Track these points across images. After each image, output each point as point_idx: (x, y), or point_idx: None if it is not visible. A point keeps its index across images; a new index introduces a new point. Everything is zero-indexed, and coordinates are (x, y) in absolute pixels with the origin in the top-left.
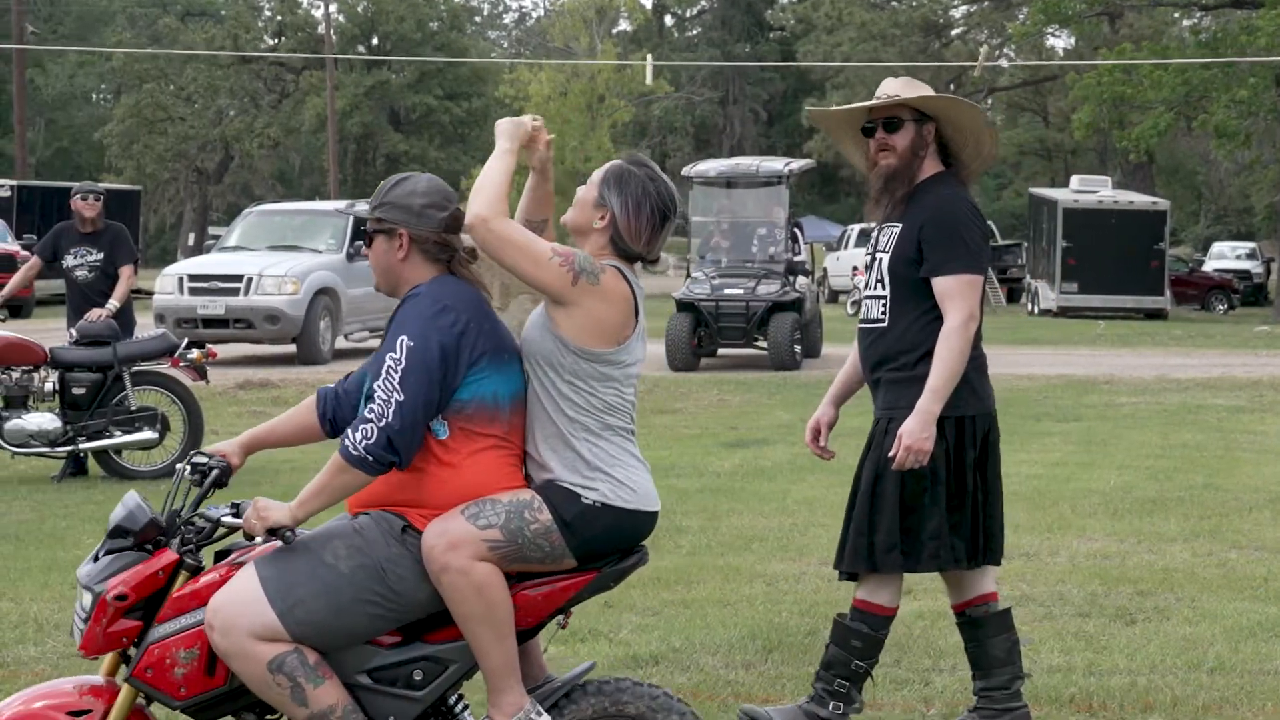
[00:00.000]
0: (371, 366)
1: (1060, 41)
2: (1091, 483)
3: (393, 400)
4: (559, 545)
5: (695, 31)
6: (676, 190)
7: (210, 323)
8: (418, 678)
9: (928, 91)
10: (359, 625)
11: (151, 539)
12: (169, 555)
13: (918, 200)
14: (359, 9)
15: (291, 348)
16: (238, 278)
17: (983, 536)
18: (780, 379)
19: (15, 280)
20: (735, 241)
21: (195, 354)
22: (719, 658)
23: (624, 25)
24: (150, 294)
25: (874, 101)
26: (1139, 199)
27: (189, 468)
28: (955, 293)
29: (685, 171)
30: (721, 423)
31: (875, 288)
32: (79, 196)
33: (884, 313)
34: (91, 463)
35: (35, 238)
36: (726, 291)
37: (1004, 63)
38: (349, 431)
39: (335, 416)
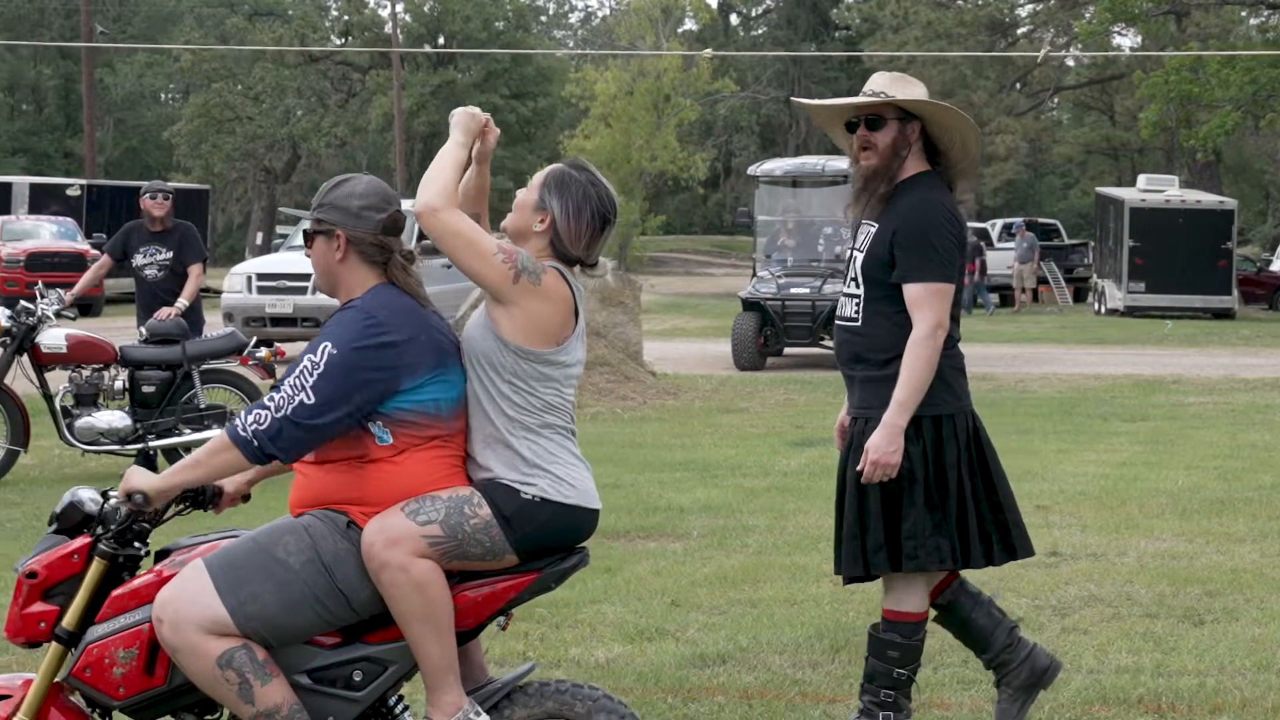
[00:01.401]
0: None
1: (1127, 40)
2: (1159, 483)
3: (298, 398)
4: (499, 540)
5: (760, 31)
6: (616, 195)
7: (278, 321)
8: (357, 678)
9: (917, 90)
10: (308, 621)
11: (75, 525)
12: (82, 540)
13: (896, 201)
14: (425, 8)
15: None
16: (305, 276)
17: (973, 536)
18: None
19: (85, 279)
20: (801, 241)
21: (264, 352)
22: (786, 657)
23: (689, 25)
24: (219, 292)
25: (855, 100)
26: (1206, 198)
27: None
28: (924, 301)
29: (751, 170)
30: (788, 421)
31: (850, 286)
32: (148, 196)
33: (857, 312)
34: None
35: (105, 237)
36: (792, 291)
37: (1070, 60)
38: (243, 413)
39: None
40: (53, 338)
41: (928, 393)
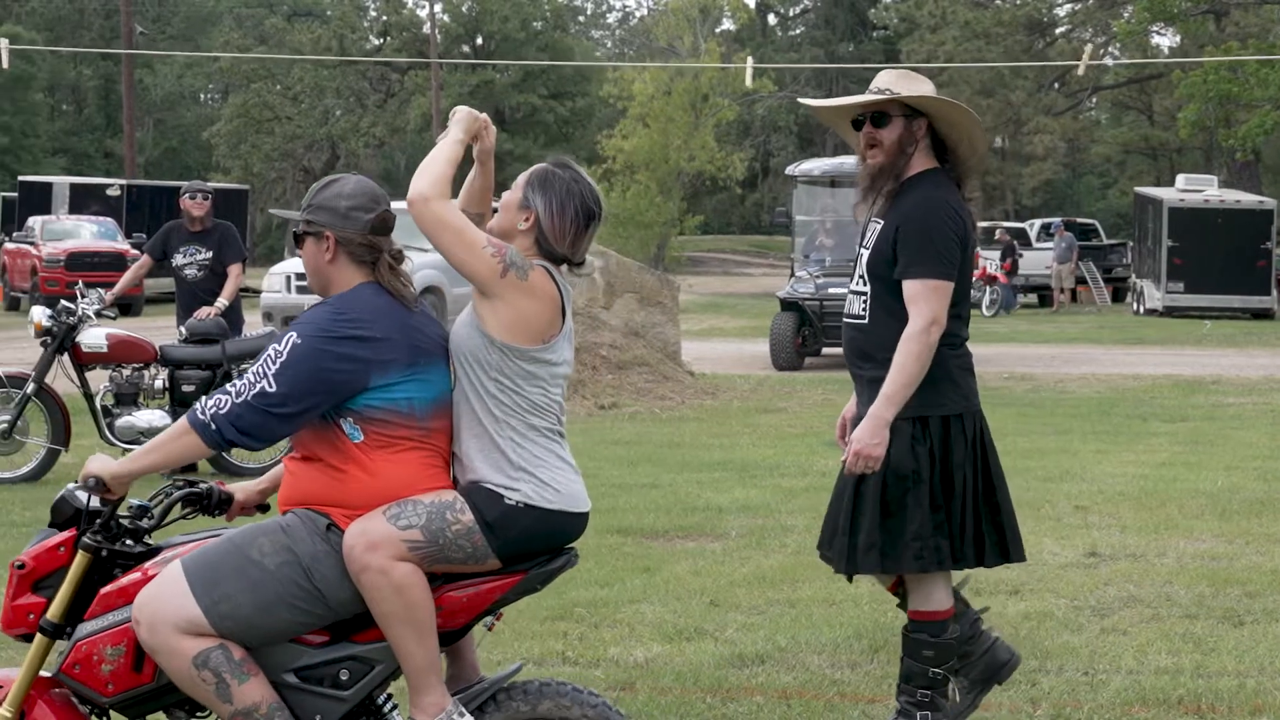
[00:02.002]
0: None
1: (1165, 40)
2: (1199, 483)
3: (259, 385)
4: (481, 546)
5: (798, 30)
6: (600, 194)
7: None
8: (344, 677)
9: (923, 86)
10: (284, 622)
11: (66, 520)
12: (69, 534)
13: (901, 199)
14: (463, 9)
15: None
16: None
17: (975, 536)
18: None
19: (125, 279)
20: (839, 240)
21: None
22: (825, 657)
23: (727, 24)
24: (258, 292)
25: (861, 98)
26: (1245, 198)
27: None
28: (920, 297)
29: (789, 170)
30: (826, 421)
31: (858, 283)
32: (188, 196)
33: (864, 309)
34: (202, 462)
35: (145, 236)
36: (831, 290)
37: (1109, 61)
38: (203, 398)
39: None
40: (93, 337)
41: (937, 392)
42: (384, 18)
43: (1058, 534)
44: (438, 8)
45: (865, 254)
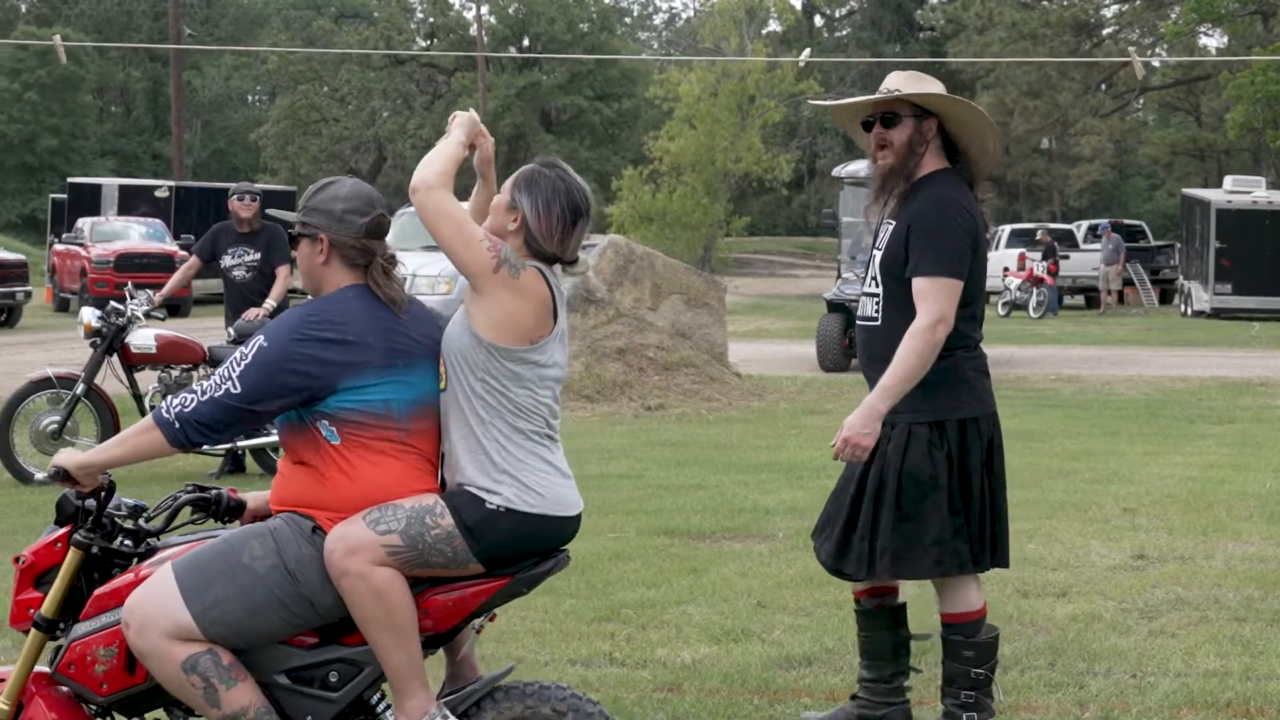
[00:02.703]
0: None
1: (1213, 40)
2: (1247, 485)
3: (224, 386)
4: (462, 550)
5: (845, 32)
6: (589, 192)
7: None
8: (333, 679)
9: (932, 86)
10: (272, 626)
11: (68, 517)
12: (66, 531)
13: (913, 198)
14: (510, 10)
15: None
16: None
17: (989, 539)
18: None
19: (174, 280)
20: None
21: None
22: None
23: (774, 26)
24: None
25: (870, 97)
26: None
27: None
28: (928, 294)
29: (836, 172)
30: None
31: (870, 285)
32: (236, 197)
33: (878, 311)
34: (249, 460)
35: (193, 238)
36: None
37: (1156, 62)
38: (169, 396)
39: None
40: (142, 338)
41: (953, 395)
42: (431, 19)
43: (1105, 536)
44: (484, 9)
45: (878, 255)
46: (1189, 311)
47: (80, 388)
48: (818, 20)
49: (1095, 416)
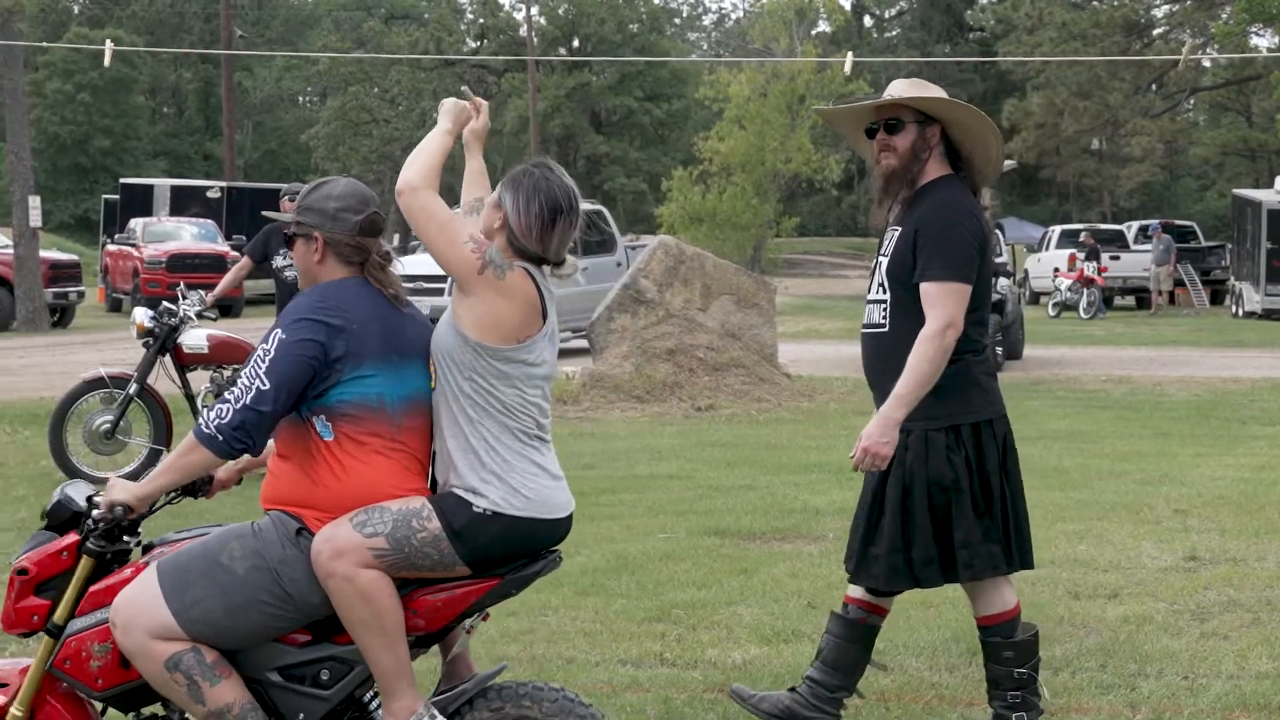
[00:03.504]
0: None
1: (1264, 40)
2: None
3: (254, 386)
4: (448, 553)
5: (894, 33)
6: (577, 192)
7: None
8: (324, 677)
9: (934, 93)
10: (254, 626)
11: (63, 522)
12: (71, 538)
13: (918, 203)
14: (560, 11)
15: None
16: (442, 278)
17: (1013, 540)
18: None
19: (226, 280)
20: None
21: None
22: (922, 660)
23: (823, 26)
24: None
25: (875, 101)
26: None
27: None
28: (936, 299)
29: None
30: None
31: (877, 292)
32: (287, 198)
33: (885, 317)
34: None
35: (245, 239)
36: None
37: (1206, 61)
38: (205, 411)
39: None
40: (194, 338)
41: (965, 399)
42: (481, 20)
43: (1157, 537)
44: (534, 10)
45: (884, 261)
46: (1240, 312)
47: (133, 387)
48: (867, 20)
49: (1146, 418)
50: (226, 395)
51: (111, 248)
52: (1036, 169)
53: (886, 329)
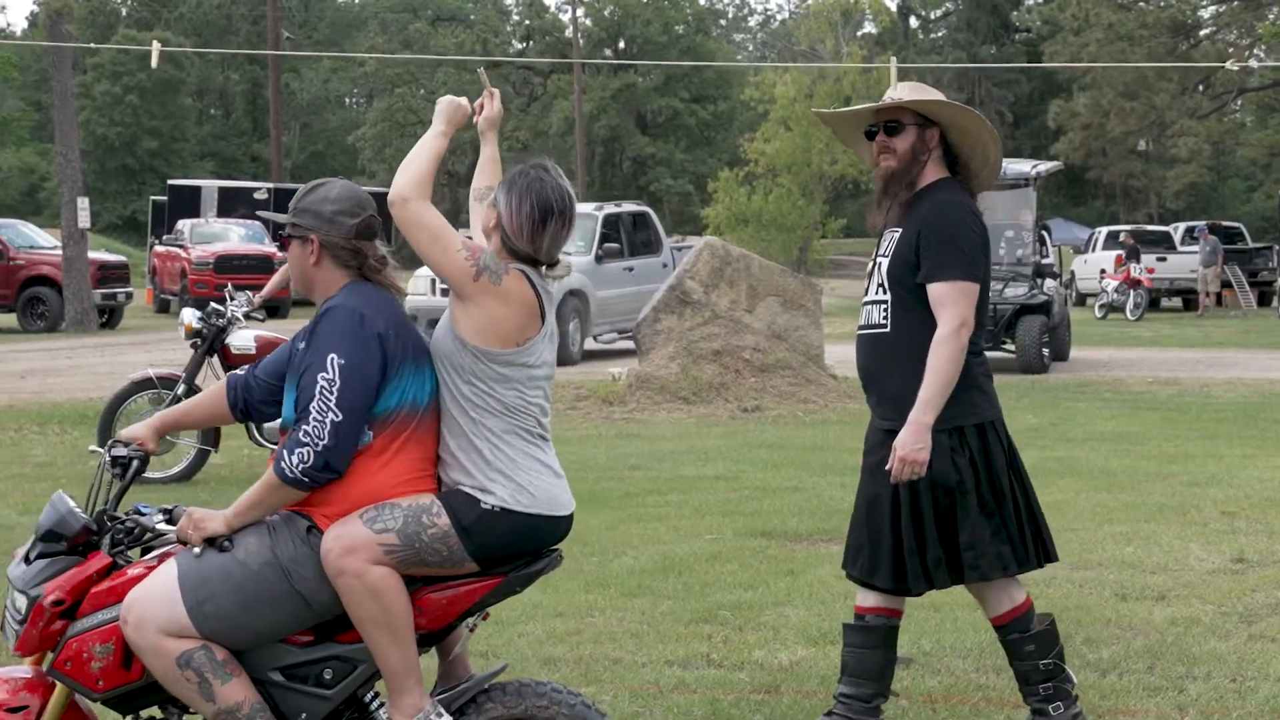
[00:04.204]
0: (293, 371)
1: None
2: None
3: (328, 421)
4: (457, 549)
5: (940, 33)
6: (572, 193)
7: None
8: (328, 676)
9: (934, 96)
10: (266, 623)
11: (84, 541)
12: (102, 559)
13: (918, 205)
14: (605, 13)
15: None
16: None
17: (1030, 538)
18: (1028, 382)
19: (273, 281)
20: None
21: None
22: (969, 662)
23: (869, 27)
24: (404, 294)
25: (875, 104)
26: None
27: (110, 460)
28: (948, 299)
29: None
30: None
31: (876, 293)
32: None
33: (885, 318)
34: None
35: None
36: None
37: (1254, 63)
38: (284, 453)
39: (246, 403)
40: (242, 339)
41: (967, 401)
42: (526, 22)
43: (1204, 539)
44: (580, 12)
45: (884, 262)
46: None
47: (181, 388)
48: (913, 22)
49: (1193, 419)
50: (302, 437)
51: (159, 249)
52: (1083, 170)
53: (888, 329)
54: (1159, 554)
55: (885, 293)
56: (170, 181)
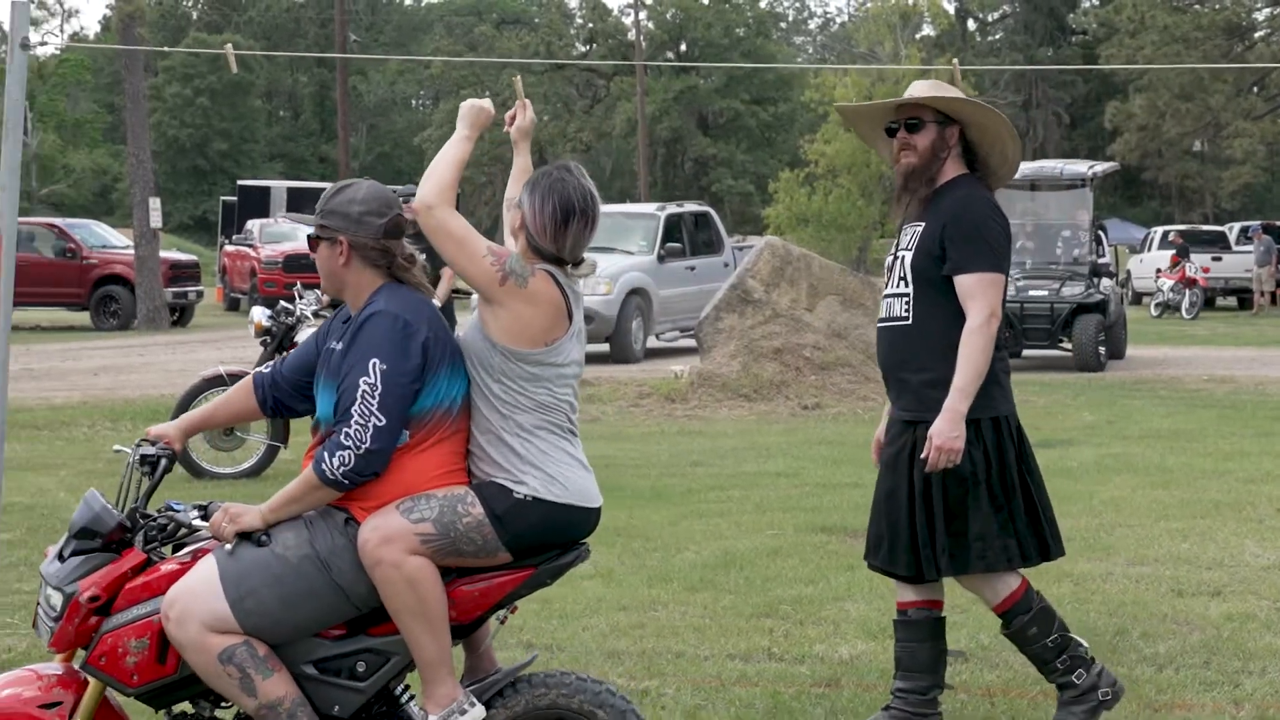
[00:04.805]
0: (330, 372)
1: None
2: None
3: (370, 424)
4: (491, 538)
5: (998, 36)
6: (594, 193)
7: None
8: (360, 669)
9: (953, 94)
10: (305, 617)
11: (118, 539)
12: (137, 555)
13: (940, 200)
14: (668, 16)
15: (605, 346)
16: None
17: (1037, 533)
18: (1085, 380)
19: None
20: (1039, 244)
21: None
22: None
23: (927, 30)
24: (469, 293)
25: (896, 100)
26: None
27: (138, 459)
28: (977, 291)
29: None
30: (1026, 423)
31: (898, 285)
32: (401, 200)
33: (907, 311)
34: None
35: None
36: (1031, 293)
37: None
38: (324, 454)
39: (276, 400)
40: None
41: (985, 395)
42: (590, 25)
43: (1259, 536)
44: (642, 15)
45: (907, 255)
46: None
47: None
48: (970, 24)
49: (1249, 417)
50: (343, 439)
51: (229, 248)
52: (1139, 171)
53: (910, 321)
54: (1215, 550)
55: (907, 286)
56: (240, 182)
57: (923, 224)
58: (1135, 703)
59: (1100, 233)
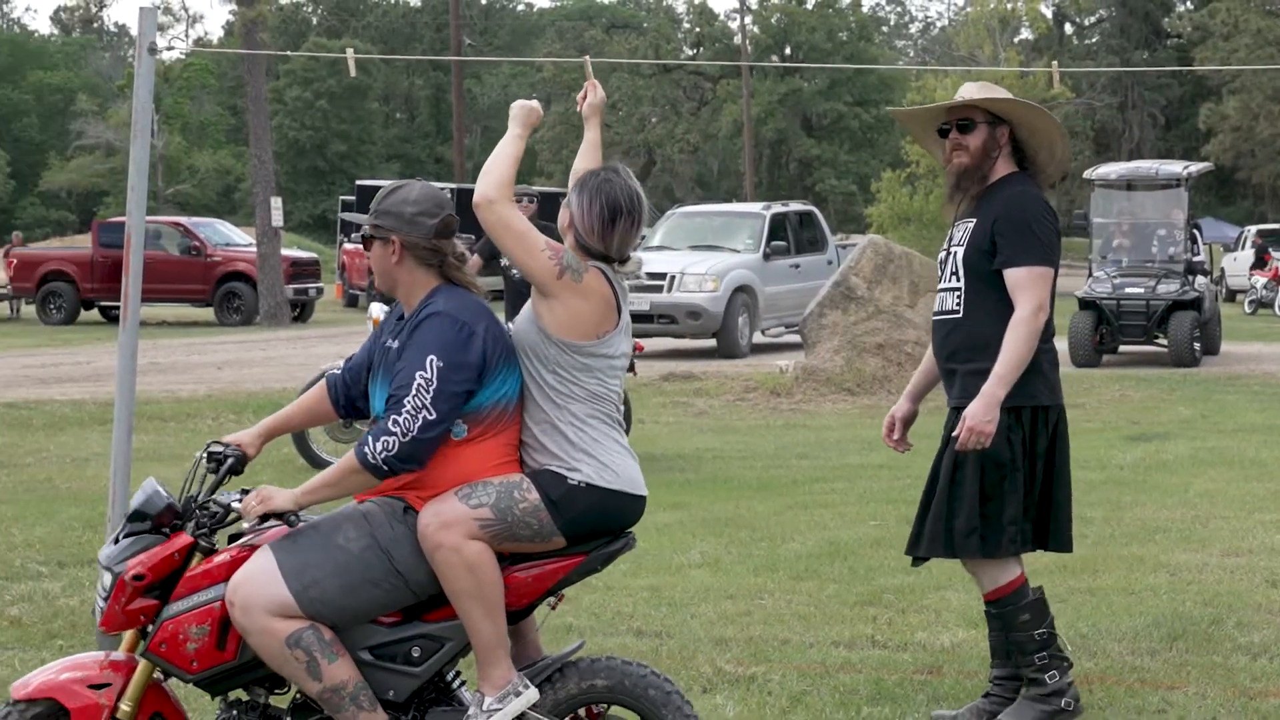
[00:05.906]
0: (386, 368)
1: None
2: None
3: (421, 416)
4: (547, 523)
5: (1094, 39)
6: (640, 194)
7: (636, 318)
8: (415, 654)
9: (1003, 95)
10: (367, 604)
11: (168, 523)
12: (184, 538)
13: (991, 197)
14: (772, 21)
15: (712, 342)
16: (661, 276)
17: (1051, 522)
18: (1180, 375)
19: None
20: (1135, 242)
21: None
22: (1124, 645)
23: (1025, 34)
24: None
25: (948, 102)
26: None
27: (205, 455)
28: (1026, 284)
29: (1086, 174)
30: (1123, 417)
31: (950, 280)
32: (525, 200)
33: (959, 304)
34: None
35: (473, 238)
36: (1127, 290)
37: None
38: (369, 438)
39: (346, 399)
40: None
41: (1030, 385)
42: (697, 30)
43: None
44: (748, 20)
45: (959, 251)
46: None
47: None
48: (1067, 28)
49: None
50: (390, 426)
51: (348, 246)
52: (1233, 171)
53: (961, 314)
54: None
55: (959, 280)
56: (358, 182)
57: (974, 220)
58: (1230, 690)
59: (1195, 231)
